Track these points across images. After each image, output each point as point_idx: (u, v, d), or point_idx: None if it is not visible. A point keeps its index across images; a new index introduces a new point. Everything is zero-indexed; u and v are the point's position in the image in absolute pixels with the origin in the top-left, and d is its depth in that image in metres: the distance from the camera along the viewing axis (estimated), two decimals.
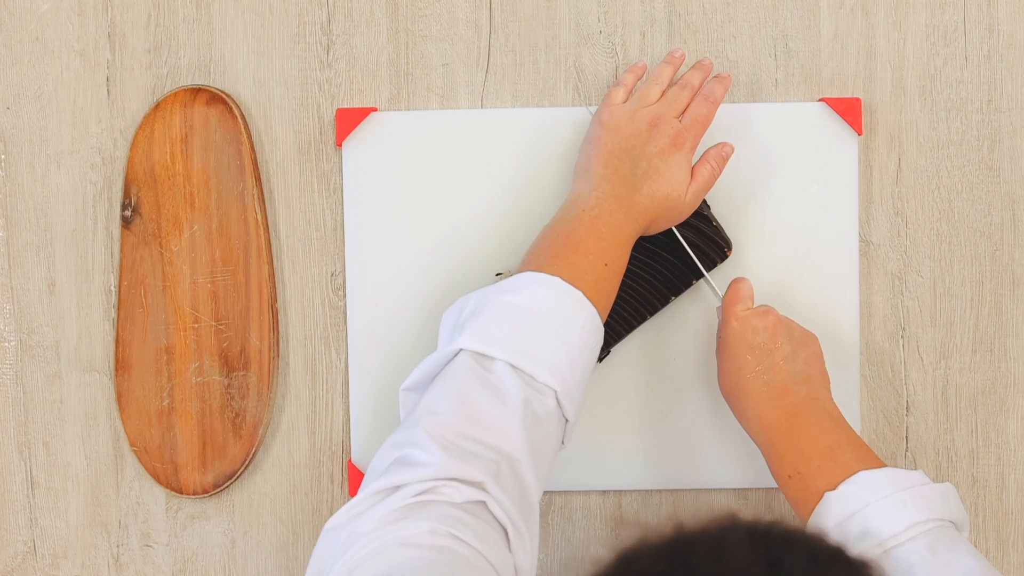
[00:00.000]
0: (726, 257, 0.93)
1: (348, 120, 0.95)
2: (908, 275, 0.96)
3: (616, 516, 0.96)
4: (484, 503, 0.70)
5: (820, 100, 0.95)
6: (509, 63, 0.96)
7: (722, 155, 0.90)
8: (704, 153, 0.89)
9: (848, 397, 0.94)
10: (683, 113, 0.89)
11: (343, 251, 0.96)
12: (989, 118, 0.95)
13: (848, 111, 0.94)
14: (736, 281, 0.89)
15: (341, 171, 0.96)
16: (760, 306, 0.88)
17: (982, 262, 0.96)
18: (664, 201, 0.86)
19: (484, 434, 0.73)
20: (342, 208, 0.96)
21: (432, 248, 0.95)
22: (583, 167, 0.88)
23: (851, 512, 0.77)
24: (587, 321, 0.80)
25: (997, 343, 0.96)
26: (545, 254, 0.83)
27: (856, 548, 0.74)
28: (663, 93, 0.90)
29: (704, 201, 0.92)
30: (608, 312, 0.84)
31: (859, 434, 0.94)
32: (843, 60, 0.96)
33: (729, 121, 0.94)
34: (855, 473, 0.78)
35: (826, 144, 0.94)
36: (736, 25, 0.96)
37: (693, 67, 0.92)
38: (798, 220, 0.94)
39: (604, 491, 0.97)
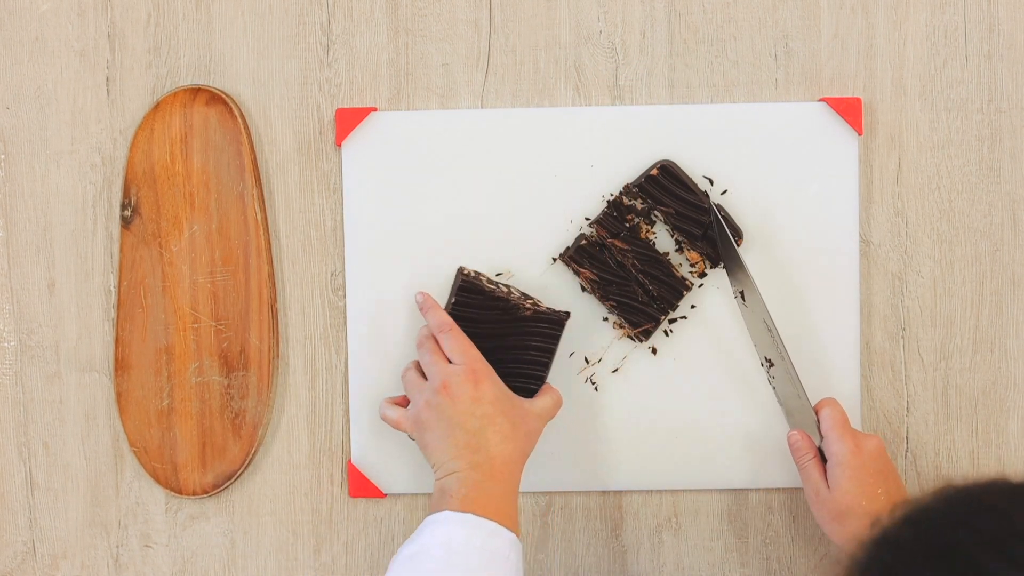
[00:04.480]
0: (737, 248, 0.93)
1: (348, 120, 0.95)
2: (908, 275, 0.96)
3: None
4: None
5: (820, 100, 0.95)
6: (509, 63, 0.96)
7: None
8: None
9: (848, 397, 0.94)
10: (444, 354, 0.89)
11: (343, 251, 0.96)
12: (989, 118, 0.95)
13: (848, 111, 0.94)
14: (833, 402, 0.90)
15: (341, 171, 0.96)
16: (864, 433, 0.90)
17: (982, 262, 0.96)
18: (515, 435, 0.86)
19: None
20: (342, 208, 0.96)
21: (432, 248, 0.95)
22: (433, 461, 0.87)
23: None
24: (487, 539, 0.81)
25: (997, 343, 0.96)
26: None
27: None
28: (417, 368, 0.91)
29: (710, 201, 0.92)
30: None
31: None
32: (843, 60, 0.96)
33: (729, 121, 0.94)
34: None
35: (826, 144, 0.94)
36: (736, 25, 0.96)
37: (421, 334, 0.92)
38: (798, 220, 0.94)
39: (604, 491, 0.97)
